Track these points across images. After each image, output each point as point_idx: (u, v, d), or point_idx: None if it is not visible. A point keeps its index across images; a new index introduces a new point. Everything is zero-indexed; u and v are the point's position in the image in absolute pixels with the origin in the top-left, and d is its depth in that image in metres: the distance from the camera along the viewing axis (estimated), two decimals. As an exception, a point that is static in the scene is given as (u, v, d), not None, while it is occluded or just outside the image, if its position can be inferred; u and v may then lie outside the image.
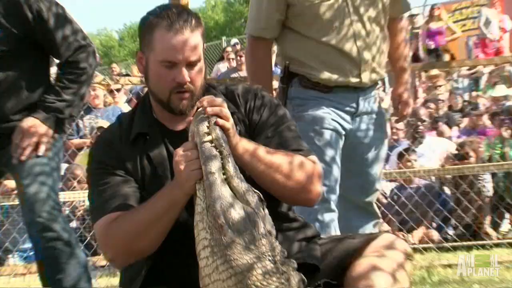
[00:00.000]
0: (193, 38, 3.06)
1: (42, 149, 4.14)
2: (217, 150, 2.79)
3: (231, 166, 2.80)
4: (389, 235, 3.22)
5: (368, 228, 4.66)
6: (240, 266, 2.71)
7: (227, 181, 2.78)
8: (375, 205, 4.78)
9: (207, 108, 2.84)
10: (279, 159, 3.07)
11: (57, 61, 4.39)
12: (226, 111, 2.89)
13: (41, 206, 4.08)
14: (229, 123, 2.89)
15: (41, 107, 4.18)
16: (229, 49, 18.97)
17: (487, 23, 18.19)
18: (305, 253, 3.16)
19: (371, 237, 3.14)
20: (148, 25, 3.11)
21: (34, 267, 4.25)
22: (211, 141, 2.80)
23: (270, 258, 2.78)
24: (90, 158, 3.31)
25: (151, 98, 3.24)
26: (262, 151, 3.03)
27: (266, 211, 2.86)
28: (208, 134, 2.81)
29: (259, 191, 2.87)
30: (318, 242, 3.24)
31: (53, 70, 4.61)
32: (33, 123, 4.15)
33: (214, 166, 2.76)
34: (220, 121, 2.84)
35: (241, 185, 2.81)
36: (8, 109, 4.21)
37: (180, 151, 2.84)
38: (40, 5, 4.12)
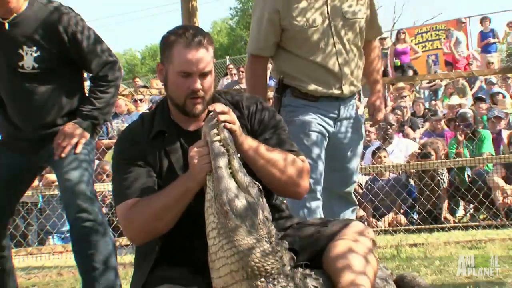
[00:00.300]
0: (206, 53, 3.11)
1: (79, 148, 4.14)
2: (225, 149, 2.84)
3: (236, 162, 2.85)
4: (359, 224, 3.20)
5: (348, 214, 4.69)
6: (242, 246, 2.74)
7: (232, 174, 2.83)
8: (353, 195, 4.76)
9: (217, 112, 2.89)
10: (276, 155, 3.12)
11: (89, 74, 4.37)
12: (233, 115, 2.96)
13: (79, 192, 4.05)
14: (236, 126, 2.96)
15: (79, 115, 4.19)
16: (231, 66, 19.34)
17: (457, 43, 18.23)
18: (292, 238, 3.16)
19: (344, 225, 3.14)
20: (168, 41, 3.15)
21: (70, 246, 4.18)
22: (219, 141, 2.84)
23: (267, 240, 2.80)
24: (115, 150, 3.35)
25: (169, 102, 3.26)
26: (263, 148, 3.09)
27: (264, 200, 2.91)
28: (217, 134, 2.84)
29: (258, 184, 2.91)
30: (301, 227, 3.26)
31: (86, 82, 4.60)
32: (73, 127, 4.15)
33: (222, 161, 2.80)
34: (228, 124, 2.91)
35: (244, 178, 2.86)
36: (50, 116, 4.20)
37: (194, 147, 2.88)
38: (74, 29, 4.11)
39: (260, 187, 2.90)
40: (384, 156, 9.78)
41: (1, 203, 4.20)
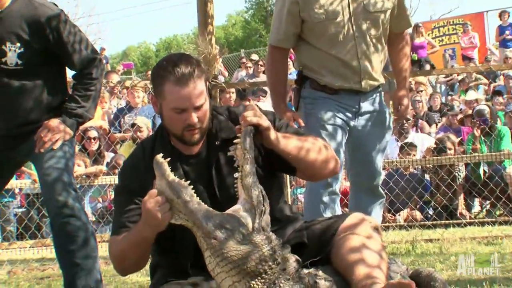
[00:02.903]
0: (197, 86, 3.08)
1: (59, 144, 4.11)
2: (243, 152, 2.89)
3: (248, 167, 2.88)
4: (370, 218, 3.21)
5: (376, 207, 4.67)
6: (235, 257, 2.76)
7: (241, 178, 2.88)
8: (380, 188, 4.74)
9: (242, 124, 2.98)
10: (308, 143, 3.20)
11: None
12: (262, 116, 3.03)
13: (59, 187, 4.02)
14: (265, 124, 3.02)
15: (64, 112, 4.17)
16: (244, 60, 19.42)
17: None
18: (295, 239, 3.19)
19: (355, 220, 3.14)
20: (158, 77, 3.13)
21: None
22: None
23: (265, 247, 2.81)
24: (118, 177, 3.42)
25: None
26: (296, 139, 3.17)
27: (267, 205, 2.92)
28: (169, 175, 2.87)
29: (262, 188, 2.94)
30: (309, 226, 3.27)
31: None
32: (57, 122, 4.13)
33: (186, 193, 2.83)
34: (262, 124, 3.00)
35: (251, 183, 2.88)
36: (33, 113, 4.17)
37: (149, 199, 2.87)
38: (58, 25, 4.08)
39: (263, 192, 2.91)
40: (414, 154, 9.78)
41: None
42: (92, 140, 10.08)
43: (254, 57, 19.73)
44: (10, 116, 4.16)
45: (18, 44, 4.06)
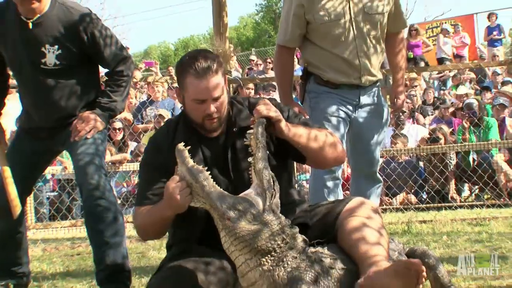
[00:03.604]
0: (215, 79, 3.10)
1: (92, 134, 4.14)
2: (256, 141, 2.91)
3: (259, 154, 2.89)
4: (370, 202, 3.22)
5: (374, 191, 4.68)
6: (246, 236, 2.77)
7: (254, 164, 2.89)
8: (378, 174, 4.74)
9: (255, 116, 3.00)
10: (314, 132, 3.20)
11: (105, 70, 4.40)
12: (272, 109, 3.05)
13: (91, 170, 4.06)
14: (277, 116, 3.04)
15: (98, 106, 4.20)
16: (253, 59, 19.56)
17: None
18: (300, 219, 3.21)
19: (356, 202, 3.14)
20: (181, 71, 3.15)
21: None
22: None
23: (275, 226, 2.81)
24: (143, 155, 3.43)
25: None
26: (302, 129, 3.17)
27: (277, 189, 2.93)
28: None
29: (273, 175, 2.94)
30: (313, 208, 3.29)
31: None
32: (91, 114, 4.16)
33: (202, 177, 2.84)
34: (273, 117, 3.02)
35: (263, 169, 2.88)
36: (69, 108, 4.20)
37: (171, 184, 2.90)
38: (92, 29, 4.11)
39: (274, 177, 2.92)
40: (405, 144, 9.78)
41: (22, 184, 4.24)
42: (117, 131, 10.12)
43: (253, 57, 19.81)
44: (48, 111, 4.20)
45: (56, 46, 4.09)
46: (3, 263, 4.46)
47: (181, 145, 2.89)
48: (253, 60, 18.87)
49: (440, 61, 17.25)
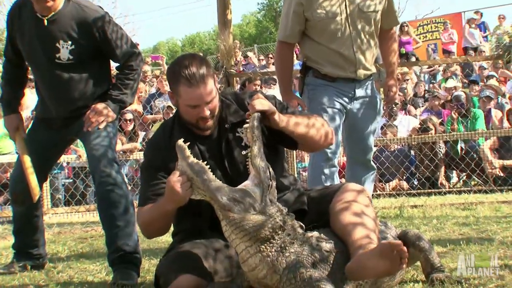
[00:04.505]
0: (208, 86, 3.06)
1: (104, 124, 4.12)
2: (252, 135, 2.88)
3: (256, 148, 2.86)
4: (356, 185, 3.19)
5: (368, 178, 4.68)
6: (246, 226, 2.76)
7: (251, 158, 2.86)
8: (372, 161, 4.74)
9: (250, 112, 2.96)
10: (308, 120, 3.21)
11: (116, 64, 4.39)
12: (265, 102, 3.02)
13: (104, 160, 4.07)
14: (270, 109, 3.02)
15: (109, 98, 4.17)
16: (251, 54, 19.57)
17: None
18: (296, 205, 3.22)
19: (344, 187, 3.14)
20: (173, 79, 3.11)
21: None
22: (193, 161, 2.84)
23: (274, 214, 2.80)
24: (144, 156, 3.42)
25: None
26: (297, 118, 3.18)
27: (274, 180, 2.90)
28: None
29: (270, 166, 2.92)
30: (304, 196, 3.29)
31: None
32: (102, 106, 4.13)
33: (206, 174, 2.81)
34: (267, 111, 3.00)
35: (260, 163, 2.86)
36: (82, 100, 4.19)
37: (172, 179, 2.85)
38: (104, 25, 4.09)
39: (271, 170, 2.89)
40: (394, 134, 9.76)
41: (38, 172, 4.23)
42: (128, 121, 10.10)
43: (249, 54, 19.77)
44: (62, 102, 4.20)
45: (70, 42, 4.09)
46: (21, 245, 4.48)
47: (181, 141, 2.86)
48: (249, 57, 18.71)
49: (465, 50, 17.36)
